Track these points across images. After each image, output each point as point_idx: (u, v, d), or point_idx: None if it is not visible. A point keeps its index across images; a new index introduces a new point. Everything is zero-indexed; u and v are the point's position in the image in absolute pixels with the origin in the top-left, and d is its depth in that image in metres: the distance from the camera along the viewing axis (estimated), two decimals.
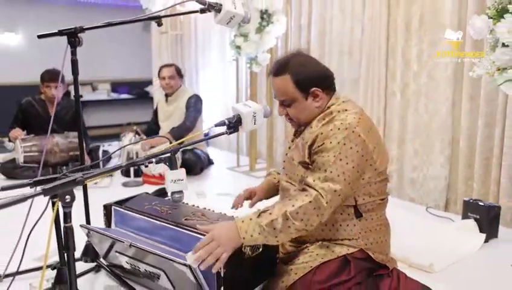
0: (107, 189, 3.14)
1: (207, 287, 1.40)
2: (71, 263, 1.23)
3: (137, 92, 8.24)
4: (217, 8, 1.49)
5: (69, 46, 1.68)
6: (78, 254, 1.81)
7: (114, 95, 8.06)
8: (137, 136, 3.33)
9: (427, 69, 2.83)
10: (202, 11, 1.51)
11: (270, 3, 2.91)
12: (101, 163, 3.17)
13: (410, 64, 2.91)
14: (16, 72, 7.27)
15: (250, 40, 3.00)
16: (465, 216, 2.22)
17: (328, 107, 1.53)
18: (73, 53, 1.68)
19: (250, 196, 1.81)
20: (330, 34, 3.35)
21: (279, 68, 1.51)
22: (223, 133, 1.48)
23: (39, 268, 1.81)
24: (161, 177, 3.16)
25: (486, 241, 2.10)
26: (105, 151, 3.93)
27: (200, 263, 1.30)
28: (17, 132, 3.36)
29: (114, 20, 1.62)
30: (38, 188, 1.19)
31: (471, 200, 2.24)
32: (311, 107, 1.51)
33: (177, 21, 4.94)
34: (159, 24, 1.55)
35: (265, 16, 2.95)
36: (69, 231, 1.22)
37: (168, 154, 1.48)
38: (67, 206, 1.20)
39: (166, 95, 3.52)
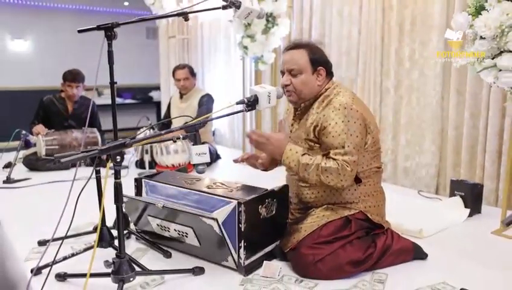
0: (124, 179, 3.35)
1: (229, 239, 1.65)
2: (120, 212, 1.48)
3: (141, 97, 8.53)
4: (237, 5, 1.76)
5: (105, 39, 1.93)
6: (110, 223, 2.06)
7: (119, 100, 8.34)
8: (151, 130, 3.57)
9: (418, 67, 3.10)
10: (224, 7, 1.78)
11: (276, 7, 3.19)
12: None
13: (403, 62, 3.18)
14: (24, 77, 7.54)
15: (256, 40, 3.27)
16: (452, 194, 2.48)
17: (326, 90, 1.81)
18: (110, 45, 1.94)
19: (256, 157, 2.03)
20: (329, 36, 3.63)
21: (299, 44, 1.81)
22: (242, 110, 1.73)
23: (84, 233, 2.04)
24: (174, 167, 3.40)
25: (470, 215, 2.36)
26: None
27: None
28: (40, 128, 3.60)
29: (147, 16, 1.88)
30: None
31: (457, 179, 2.50)
32: (314, 83, 1.79)
33: (184, 26, 5.22)
34: (186, 19, 1.81)
35: (271, 19, 3.23)
36: (119, 185, 1.48)
37: (193, 132, 1.75)
38: (117, 165, 1.45)
39: (181, 93, 3.78)
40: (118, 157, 1.44)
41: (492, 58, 1.93)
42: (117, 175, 1.47)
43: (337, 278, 1.64)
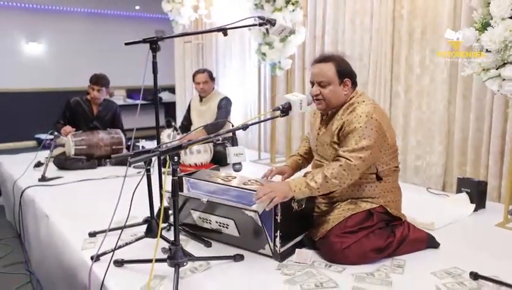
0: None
1: (266, 230, 1.87)
2: (176, 206, 1.70)
3: (151, 98, 8.70)
4: (272, 22, 1.98)
5: (150, 51, 2.14)
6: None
7: (129, 101, 8.58)
8: (175, 131, 3.79)
9: (428, 73, 3.32)
10: (261, 24, 2.00)
11: (292, 16, 3.41)
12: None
13: (412, 68, 3.41)
14: (38, 79, 7.76)
15: (274, 48, 3.50)
16: (458, 190, 2.71)
17: (350, 98, 2.03)
18: (154, 57, 2.15)
19: (281, 172, 2.29)
20: (342, 43, 3.85)
21: (326, 58, 2.02)
22: (277, 116, 1.96)
23: (135, 225, 2.25)
24: (196, 166, 3.62)
25: (475, 210, 2.58)
26: (143, 147, 4.37)
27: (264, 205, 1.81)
28: (68, 129, 3.83)
29: (186, 32, 2.10)
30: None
31: (464, 177, 2.73)
32: (341, 92, 2.01)
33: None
34: (225, 34, 2.03)
35: None
36: (175, 182, 1.70)
37: (230, 134, 1.98)
38: (175, 164, 1.68)
39: (201, 96, 4.01)
40: (175, 157, 1.66)
41: (497, 69, 2.16)
42: (174, 173, 1.68)
43: (362, 263, 1.87)
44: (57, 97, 7.69)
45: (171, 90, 7.52)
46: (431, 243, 2.06)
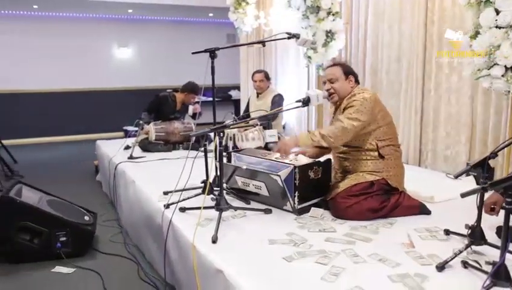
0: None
1: (288, 190, 2.51)
2: (222, 167, 2.40)
3: (221, 95, 9.66)
4: (297, 36, 2.63)
5: (210, 58, 2.87)
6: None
7: (203, 98, 9.55)
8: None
9: (455, 72, 3.72)
10: (289, 38, 2.65)
11: (333, 25, 3.98)
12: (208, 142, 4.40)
13: (442, 68, 3.82)
14: (128, 78, 9.00)
15: (318, 52, 4.09)
16: (467, 174, 3.11)
17: (354, 91, 2.60)
18: (212, 63, 2.87)
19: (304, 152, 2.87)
20: (382, 46, 4.34)
21: (335, 63, 2.66)
22: (299, 106, 2.59)
23: (197, 187, 2.95)
24: None
25: None
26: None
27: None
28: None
29: (237, 44, 2.79)
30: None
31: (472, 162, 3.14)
32: (347, 85, 2.60)
33: (261, 36, 6.16)
34: (264, 45, 2.70)
35: (330, 34, 4.03)
36: (221, 151, 2.40)
37: (266, 121, 2.64)
38: (220, 138, 2.38)
39: (257, 92, 4.72)
40: (221, 133, 2.36)
41: (488, 69, 2.60)
42: (220, 144, 2.38)
43: (360, 220, 2.43)
44: (142, 94, 8.90)
45: (240, 88, 8.33)
46: (423, 210, 2.56)
